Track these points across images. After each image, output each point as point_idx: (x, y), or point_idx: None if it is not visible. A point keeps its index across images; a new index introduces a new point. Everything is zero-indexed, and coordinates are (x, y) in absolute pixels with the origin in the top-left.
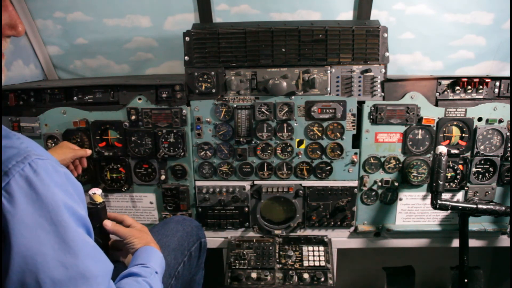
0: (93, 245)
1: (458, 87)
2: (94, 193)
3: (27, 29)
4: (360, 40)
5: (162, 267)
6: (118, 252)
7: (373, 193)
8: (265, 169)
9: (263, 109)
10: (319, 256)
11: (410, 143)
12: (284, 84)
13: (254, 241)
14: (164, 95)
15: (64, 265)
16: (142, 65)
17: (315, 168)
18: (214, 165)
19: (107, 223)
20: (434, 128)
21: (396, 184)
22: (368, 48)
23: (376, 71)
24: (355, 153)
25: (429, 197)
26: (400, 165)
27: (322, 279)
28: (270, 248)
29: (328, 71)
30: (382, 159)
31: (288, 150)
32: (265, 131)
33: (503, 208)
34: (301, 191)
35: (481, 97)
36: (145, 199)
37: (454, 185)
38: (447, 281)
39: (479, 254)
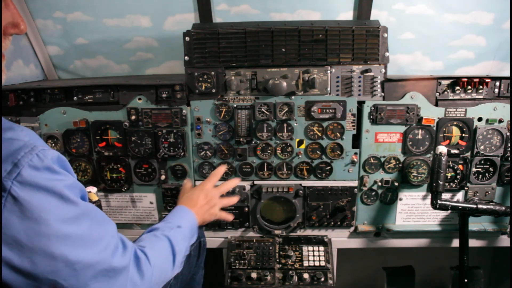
0: (95, 211)
1: (458, 87)
2: (89, 192)
3: (27, 29)
4: (360, 40)
5: (190, 221)
6: None
7: (373, 193)
8: (265, 169)
9: (263, 109)
10: (319, 256)
11: (410, 143)
12: (284, 84)
13: (254, 241)
14: (164, 95)
15: (81, 238)
16: (142, 65)
17: (315, 168)
18: (214, 165)
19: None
20: (434, 128)
21: (396, 184)
22: (368, 48)
23: (376, 71)
24: (355, 153)
25: (429, 197)
26: (400, 165)
27: (322, 279)
28: (270, 248)
29: (328, 71)
30: (382, 159)
31: (288, 150)
32: (265, 131)
33: (503, 208)
34: (301, 191)
35: (481, 97)
36: (145, 199)
37: (454, 185)
38: (447, 281)
39: (479, 254)
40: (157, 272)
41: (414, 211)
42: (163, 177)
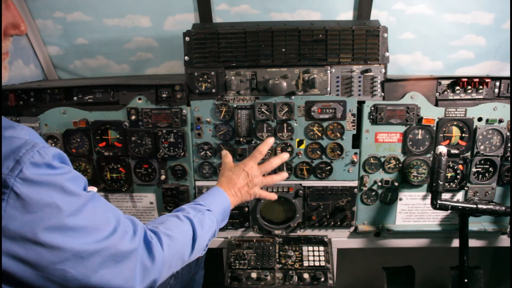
0: (98, 199)
1: (458, 87)
2: (89, 191)
3: (27, 30)
4: (360, 40)
5: (223, 205)
6: None
7: (373, 193)
8: None
9: (263, 109)
10: (319, 256)
11: (410, 143)
12: (284, 84)
13: (254, 241)
14: (164, 95)
15: (85, 228)
16: (142, 65)
17: (315, 168)
18: (214, 165)
19: (225, 151)
20: (434, 128)
21: (396, 184)
22: (368, 48)
23: (376, 71)
24: (355, 153)
25: (429, 197)
26: (400, 165)
27: (322, 279)
28: (270, 248)
29: (328, 71)
30: (382, 159)
31: (288, 150)
32: (265, 131)
33: (503, 208)
34: (301, 191)
35: (481, 97)
36: (145, 199)
37: (454, 185)
38: (447, 281)
39: (479, 254)
40: (170, 256)
41: (414, 211)
42: (163, 177)
